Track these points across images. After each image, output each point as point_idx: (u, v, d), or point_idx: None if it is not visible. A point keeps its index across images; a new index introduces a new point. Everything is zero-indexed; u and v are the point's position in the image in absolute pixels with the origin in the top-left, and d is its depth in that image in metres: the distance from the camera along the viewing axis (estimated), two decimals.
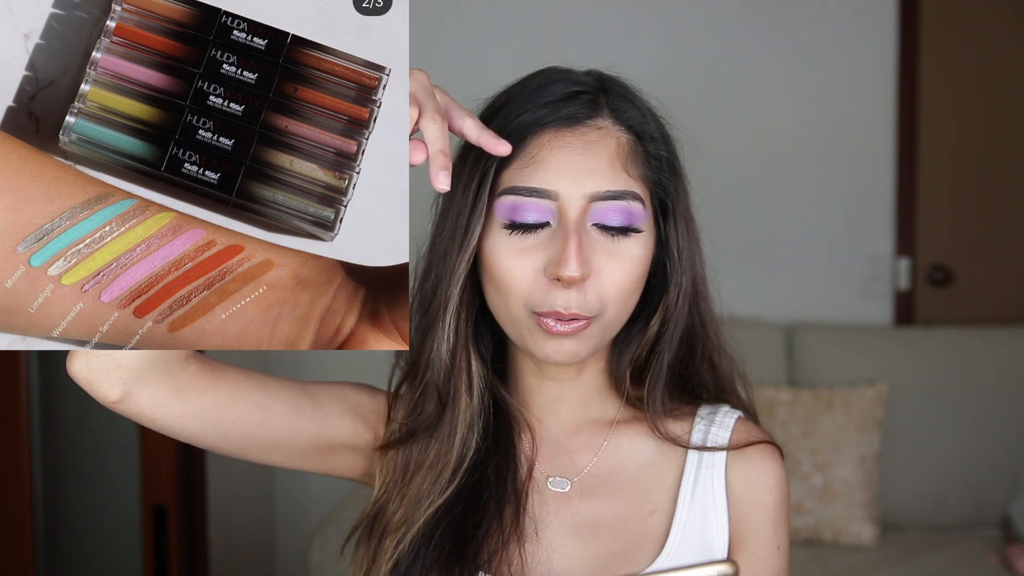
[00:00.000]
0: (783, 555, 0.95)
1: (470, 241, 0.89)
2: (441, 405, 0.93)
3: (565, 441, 0.97)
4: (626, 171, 0.89)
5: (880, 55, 2.85)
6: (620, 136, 0.91)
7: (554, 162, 0.88)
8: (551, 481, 0.96)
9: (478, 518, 0.91)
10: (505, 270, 0.88)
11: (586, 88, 0.92)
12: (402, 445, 0.95)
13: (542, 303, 0.87)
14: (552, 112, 0.89)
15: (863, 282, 2.88)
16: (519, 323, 0.90)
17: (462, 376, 0.93)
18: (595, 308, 0.88)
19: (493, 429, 0.95)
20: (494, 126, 0.90)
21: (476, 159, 0.90)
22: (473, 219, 0.89)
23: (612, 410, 0.98)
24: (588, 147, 0.89)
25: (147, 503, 2.23)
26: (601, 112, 0.91)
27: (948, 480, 2.57)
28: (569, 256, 0.85)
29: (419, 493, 0.93)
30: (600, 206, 0.88)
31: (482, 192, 0.89)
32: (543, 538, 0.93)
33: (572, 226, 0.87)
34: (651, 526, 0.94)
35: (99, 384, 0.87)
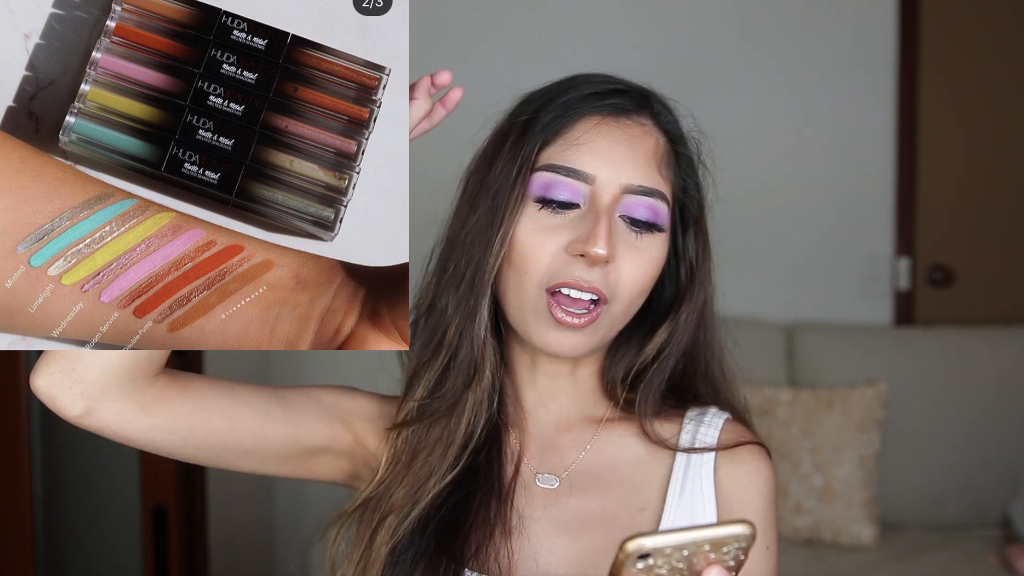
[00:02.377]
0: (772, 555, 0.95)
1: (510, 218, 0.90)
2: (466, 383, 0.94)
3: (555, 438, 0.98)
4: (659, 171, 0.92)
5: (880, 55, 2.85)
6: (659, 138, 0.94)
7: (597, 147, 0.90)
8: (540, 478, 0.96)
9: (466, 510, 0.92)
10: (528, 245, 0.90)
11: (631, 88, 0.96)
12: (417, 424, 0.95)
13: (562, 274, 0.88)
14: (600, 100, 0.92)
15: (863, 282, 2.88)
16: (527, 306, 0.90)
17: (487, 354, 0.94)
18: (612, 290, 0.89)
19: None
20: (537, 109, 0.92)
21: (517, 139, 0.92)
22: (515, 196, 0.90)
23: (603, 410, 0.99)
24: (631, 140, 0.92)
25: (147, 503, 2.23)
26: (645, 111, 0.94)
27: (948, 480, 2.57)
28: (599, 234, 0.87)
29: (427, 471, 0.93)
30: (631, 199, 0.90)
31: (524, 169, 0.90)
32: (531, 534, 0.93)
33: (604, 210, 0.89)
34: (640, 523, 0.94)
35: (62, 399, 0.86)
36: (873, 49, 2.85)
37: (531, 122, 0.92)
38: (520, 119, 0.93)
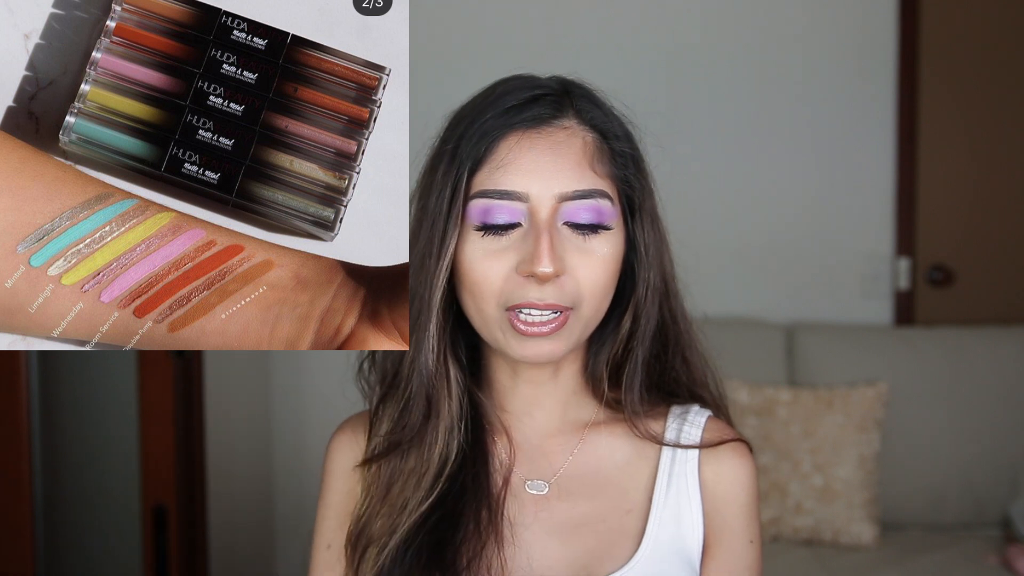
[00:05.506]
0: (756, 548, 0.97)
1: (448, 247, 0.89)
2: (426, 414, 0.93)
3: (542, 443, 0.98)
4: (593, 170, 0.90)
5: (880, 56, 2.85)
6: (586, 135, 0.92)
7: (522, 164, 0.89)
8: (529, 484, 0.96)
9: (455, 523, 0.92)
10: (478, 272, 0.89)
11: (550, 91, 0.93)
12: (386, 457, 0.95)
13: (517, 296, 0.88)
14: (517, 114, 0.90)
15: (863, 282, 2.88)
16: (493, 325, 0.90)
17: (443, 383, 0.93)
18: (572, 299, 0.89)
19: (470, 436, 0.95)
20: (460, 135, 0.91)
21: (447, 168, 0.91)
22: (449, 225, 0.89)
23: (589, 412, 0.99)
24: (555, 147, 0.90)
25: (147, 503, 2.23)
26: (566, 112, 0.92)
27: (948, 480, 2.57)
28: (542, 253, 0.86)
29: (402, 501, 0.93)
30: (569, 206, 0.89)
31: (456, 198, 0.89)
32: (523, 541, 0.94)
33: (543, 225, 0.88)
34: (628, 524, 0.95)
35: None
36: (873, 50, 2.85)
37: (456, 148, 0.91)
38: (447, 146, 0.92)
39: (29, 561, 2.10)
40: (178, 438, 2.24)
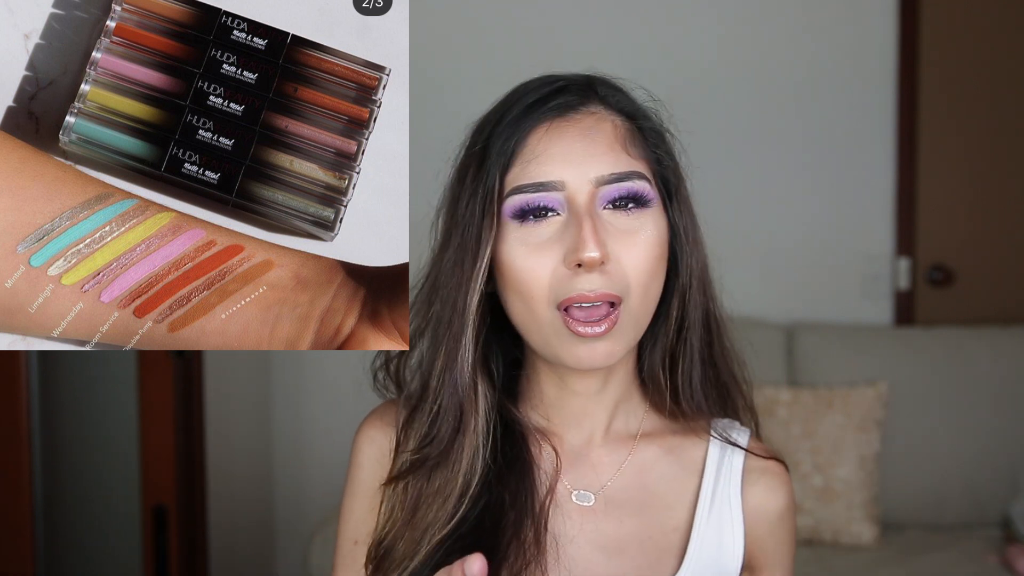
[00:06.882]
0: (791, 568, 0.98)
1: (484, 248, 0.87)
2: (456, 428, 0.90)
3: (589, 453, 0.95)
4: (627, 152, 0.89)
5: (880, 56, 2.85)
6: (615, 119, 0.90)
7: (554, 153, 0.87)
8: (575, 495, 0.94)
9: (493, 543, 0.88)
10: (524, 270, 0.87)
11: (572, 81, 0.92)
12: (412, 475, 0.92)
13: (567, 289, 0.85)
14: (543, 105, 0.89)
15: (863, 282, 2.88)
16: (547, 329, 0.87)
17: (473, 397, 0.90)
18: (621, 287, 0.86)
19: (505, 451, 0.92)
20: (488, 136, 0.90)
21: (477, 171, 0.89)
22: (484, 226, 0.87)
23: (635, 421, 0.97)
24: (586, 133, 0.88)
25: (147, 503, 2.23)
26: (592, 99, 0.91)
27: (948, 480, 2.57)
28: (586, 238, 0.84)
29: (425, 523, 0.90)
30: (607, 189, 0.87)
31: (489, 199, 0.87)
32: (566, 554, 0.91)
33: (583, 211, 0.86)
34: (673, 542, 0.93)
35: None
36: (873, 50, 2.85)
37: (486, 150, 0.89)
38: (475, 149, 0.90)
39: (29, 561, 2.10)
40: (178, 438, 2.24)
